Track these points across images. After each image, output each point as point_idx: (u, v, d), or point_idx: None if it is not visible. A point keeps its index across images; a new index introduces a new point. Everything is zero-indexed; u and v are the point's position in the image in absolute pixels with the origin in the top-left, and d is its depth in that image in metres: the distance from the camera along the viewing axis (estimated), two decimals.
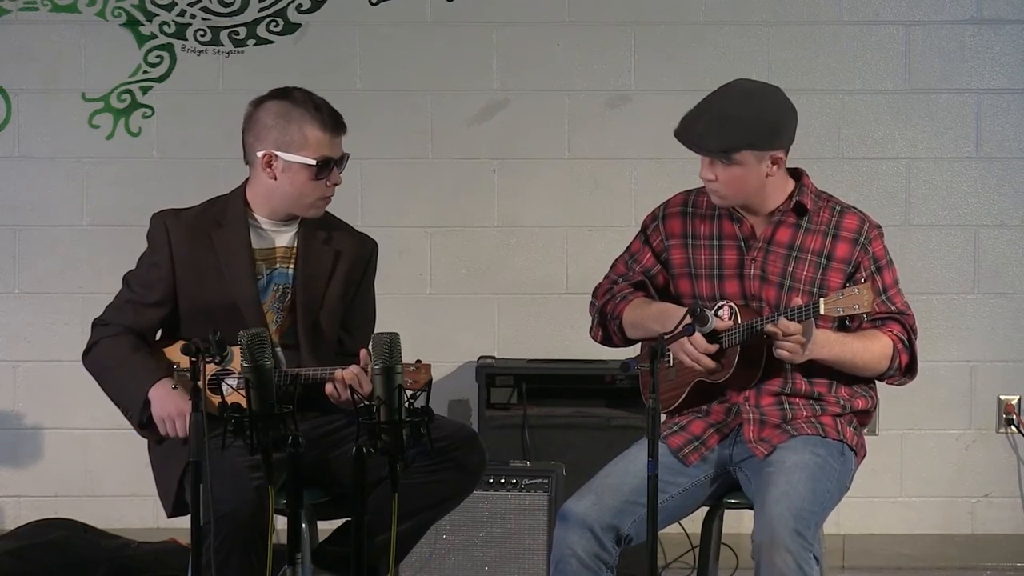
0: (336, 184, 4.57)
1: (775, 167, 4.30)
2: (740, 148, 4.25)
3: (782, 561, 4.03)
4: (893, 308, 4.37)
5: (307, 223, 4.62)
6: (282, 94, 4.58)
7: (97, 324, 4.65)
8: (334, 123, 4.54)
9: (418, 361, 4.33)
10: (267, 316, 4.58)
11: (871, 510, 6.20)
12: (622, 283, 4.55)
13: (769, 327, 4.18)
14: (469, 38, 6.18)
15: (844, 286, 4.29)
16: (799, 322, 4.17)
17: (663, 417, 4.45)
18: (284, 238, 4.63)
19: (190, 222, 4.62)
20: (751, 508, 4.30)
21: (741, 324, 4.26)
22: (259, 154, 4.54)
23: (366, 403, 3.71)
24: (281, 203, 4.58)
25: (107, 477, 6.20)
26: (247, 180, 4.64)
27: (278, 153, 4.52)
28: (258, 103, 4.59)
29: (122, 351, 4.56)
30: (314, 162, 4.51)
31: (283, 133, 4.51)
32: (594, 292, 4.61)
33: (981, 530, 6.27)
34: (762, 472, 4.25)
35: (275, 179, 4.55)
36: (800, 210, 4.39)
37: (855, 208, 4.44)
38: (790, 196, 4.39)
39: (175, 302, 4.59)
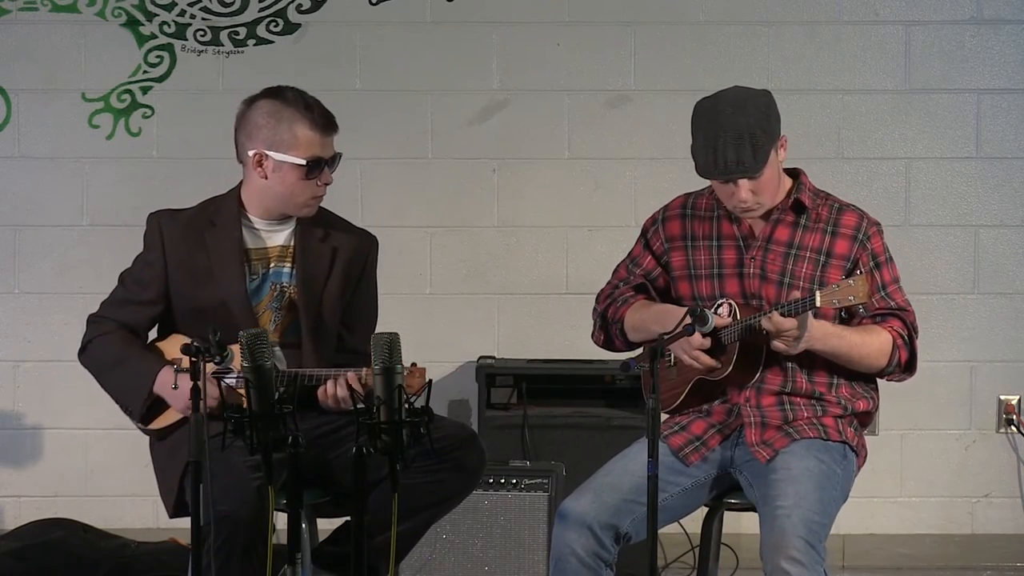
0: (327, 183, 4.57)
1: (783, 150, 4.33)
2: (769, 151, 4.26)
3: (797, 573, 4.00)
4: (893, 304, 4.37)
5: (304, 221, 4.62)
6: (274, 93, 4.57)
7: (91, 320, 4.66)
8: (325, 123, 4.53)
9: (413, 364, 4.27)
10: (265, 316, 4.58)
11: (871, 510, 6.20)
12: (623, 287, 4.55)
13: (764, 322, 4.18)
14: (469, 38, 6.18)
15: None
16: (796, 315, 4.17)
17: (664, 417, 4.45)
18: (279, 237, 4.63)
19: (185, 222, 4.63)
20: (751, 509, 4.30)
21: (739, 320, 4.27)
22: (250, 153, 4.54)
23: (363, 404, 3.70)
24: (273, 202, 4.58)
25: (107, 477, 6.20)
26: (243, 180, 4.64)
27: (268, 152, 4.52)
28: (250, 102, 4.59)
29: (117, 348, 4.57)
30: (304, 162, 4.50)
31: (273, 132, 4.51)
32: (596, 298, 4.61)
33: (981, 530, 6.27)
34: (767, 478, 4.23)
35: (266, 178, 4.55)
36: (798, 208, 4.39)
37: (854, 205, 4.45)
38: (788, 194, 4.40)
39: (168, 301, 4.60)
